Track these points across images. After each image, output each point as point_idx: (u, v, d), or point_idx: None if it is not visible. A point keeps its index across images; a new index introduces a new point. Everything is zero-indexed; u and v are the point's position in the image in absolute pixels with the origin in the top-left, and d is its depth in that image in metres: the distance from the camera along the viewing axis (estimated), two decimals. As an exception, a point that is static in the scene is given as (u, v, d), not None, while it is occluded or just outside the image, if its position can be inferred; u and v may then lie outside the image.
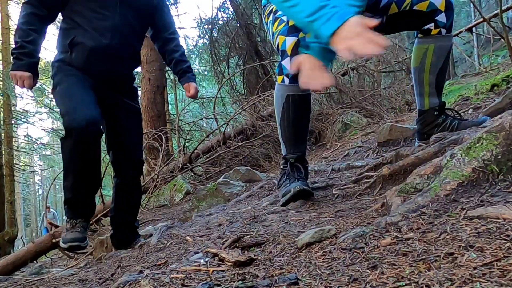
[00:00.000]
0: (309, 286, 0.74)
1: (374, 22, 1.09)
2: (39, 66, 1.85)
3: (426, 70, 1.77)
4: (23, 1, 1.80)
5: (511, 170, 1.01)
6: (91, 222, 4.54)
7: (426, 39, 1.74)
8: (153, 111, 7.15)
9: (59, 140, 1.83)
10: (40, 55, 1.87)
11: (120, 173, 2.02)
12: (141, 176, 2.20)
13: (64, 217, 1.92)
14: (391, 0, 1.67)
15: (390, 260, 0.77)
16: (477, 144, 1.08)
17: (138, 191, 2.16)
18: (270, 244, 1.09)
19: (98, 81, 1.86)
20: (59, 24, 1.90)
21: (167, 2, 2.22)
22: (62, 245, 1.80)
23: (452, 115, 1.85)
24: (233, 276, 0.87)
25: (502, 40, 3.74)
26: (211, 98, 6.89)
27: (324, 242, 0.99)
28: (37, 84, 1.86)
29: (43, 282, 1.35)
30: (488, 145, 1.05)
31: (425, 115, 1.84)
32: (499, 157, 1.03)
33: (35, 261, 4.45)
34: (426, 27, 1.71)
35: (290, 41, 1.57)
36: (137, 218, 2.18)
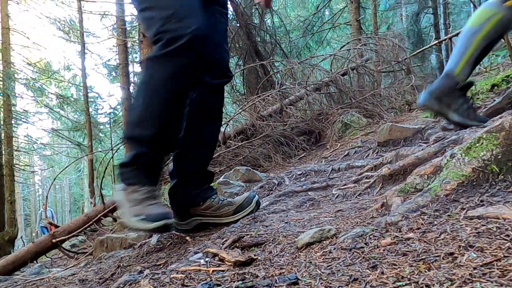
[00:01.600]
0: (309, 286, 0.74)
1: None
2: (40, 66, 1.69)
3: (480, 35, 1.67)
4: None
5: (511, 170, 1.01)
6: (91, 222, 4.55)
7: (498, 5, 1.65)
8: (153, 111, 7.14)
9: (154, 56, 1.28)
10: (41, 54, 1.51)
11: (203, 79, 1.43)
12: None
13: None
14: None
15: (390, 260, 0.77)
16: (477, 144, 1.08)
17: (219, 116, 1.62)
18: (270, 244, 1.09)
19: None
20: (58, 24, 1.58)
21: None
22: (145, 225, 1.23)
23: (469, 103, 1.72)
24: (233, 276, 0.87)
25: (502, 40, 3.74)
26: (211, 98, 6.87)
27: (324, 242, 0.99)
28: (37, 84, 1.77)
29: (43, 282, 1.35)
30: (488, 145, 1.05)
31: (449, 79, 1.70)
32: (499, 157, 1.03)
33: (35, 261, 4.45)
34: None
35: None
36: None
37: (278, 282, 0.77)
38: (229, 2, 1.72)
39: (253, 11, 8.50)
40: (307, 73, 5.73)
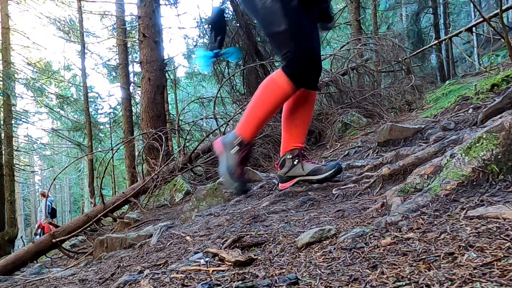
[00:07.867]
0: (309, 286, 0.74)
1: None
2: (40, 66, 1.76)
3: None
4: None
5: (511, 170, 1.01)
6: (91, 222, 4.55)
7: None
8: (153, 111, 7.15)
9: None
10: (41, 54, 1.73)
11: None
12: None
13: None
14: None
15: (390, 260, 0.77)
16: (477, 144, 1.08)
17: None
18: (270, 244, 1.09)
19: None
20: (58, 24, 1.76)
21: (167, 2, 2.17)
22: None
23: None
24: (233, 276, 0.87)
25: (502, 40, 3.74)
26: (211, 98, 6.89)
27: (324, 242, 0.99)
28: (37, 84, 1.81)
29: (43, 282, 1.35)
30: (488, 145, 1.05)
31: None
32: (499, 157, 1.03)
33: (35, 261, 4.45)
34: None
35: None
36: None
37: (278, 282, 0.77)
38: (229, 2, 1.81)
39: (253, 11, 8.48)
40: (307, 73, 5.71)
